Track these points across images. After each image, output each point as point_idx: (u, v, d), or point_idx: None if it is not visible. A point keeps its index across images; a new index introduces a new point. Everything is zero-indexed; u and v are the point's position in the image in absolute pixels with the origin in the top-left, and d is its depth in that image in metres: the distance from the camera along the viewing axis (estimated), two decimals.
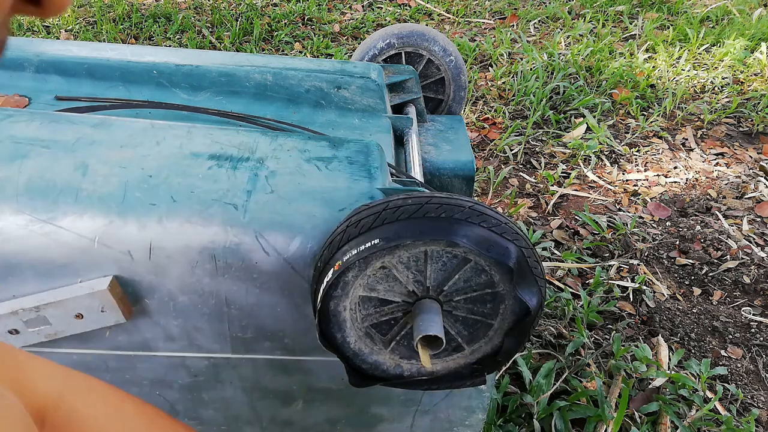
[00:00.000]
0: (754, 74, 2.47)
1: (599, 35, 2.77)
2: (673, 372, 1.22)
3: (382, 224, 0.55)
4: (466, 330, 0.64)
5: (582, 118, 2.13)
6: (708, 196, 1.81)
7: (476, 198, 1.72)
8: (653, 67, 2.47)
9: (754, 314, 1.40)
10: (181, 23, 2.75)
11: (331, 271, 0.57)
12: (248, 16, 2.87)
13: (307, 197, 0.64)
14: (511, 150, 1.99)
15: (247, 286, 0.66)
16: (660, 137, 2.09)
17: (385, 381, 0.66)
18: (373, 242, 0.55)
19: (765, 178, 1.89)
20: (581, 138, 2.04)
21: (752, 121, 2.17)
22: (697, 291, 1.47)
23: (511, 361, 1.11)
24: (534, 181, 1.87)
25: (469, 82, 2.39)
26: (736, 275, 1.50)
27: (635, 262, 1.54)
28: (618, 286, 1.46)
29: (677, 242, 1.61)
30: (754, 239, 1.63)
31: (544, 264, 1.52)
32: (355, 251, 0.55)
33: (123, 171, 0.65)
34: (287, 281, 0.66)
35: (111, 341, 0.71)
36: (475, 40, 2.77)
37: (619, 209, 1.76)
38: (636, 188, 1.84)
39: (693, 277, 1.51)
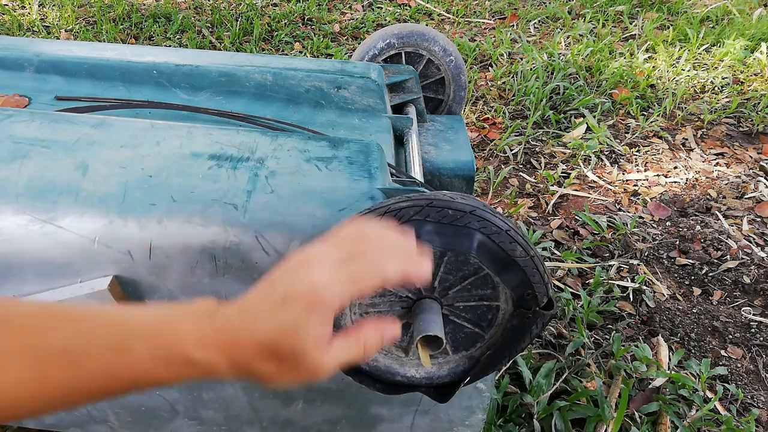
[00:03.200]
0: (754, 74, 2.47)
1: (599, 35, 2.77)
2: (673, 372, 1.22)
3: (417, 220, 0.55)
4: (460, 333, 0.64)
5: (582, 118, 2.13)
6: (708, 196, 1.81)
7: (476, 198, 1.72)
8: (653, 67, 2.47)
9: (754, 314, 1.40)
10: (181, 23, 2.75)
11: None
12: (248, 16, 2.87)
13: (307, 197, 0.64)
14: (511, 150, 1.99)
15: (247, 286, 0.66)
16: (660, 137, 2.09)
17: (367, 375, 0.65)
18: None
19: (765, 178, 1.89)
20: (581, 138, 2.04)
21: (752, 121, 2.17)
22: (697, 291, 1.47)
23: (511, 361, 1.11)
24: (534, 181, 1.87)
25: (469, 82, 2.39)
26: (736, 275, 1.50)
27: (635, 262, 1.54)
28: (618, 286, 1.46)
29: (677, 242, 1.61)
30: (754, 239, 1.63)
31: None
32: None
33: (123, 171, 0.65)
34: None
35: None
36: (475, 40, 2.77)
37: (619, 209, 1.76)
38: (636, 188, 1.84)
39: (693, 277, 1.51)
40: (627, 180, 1.89)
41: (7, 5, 2.87)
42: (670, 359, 1.26)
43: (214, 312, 0.41)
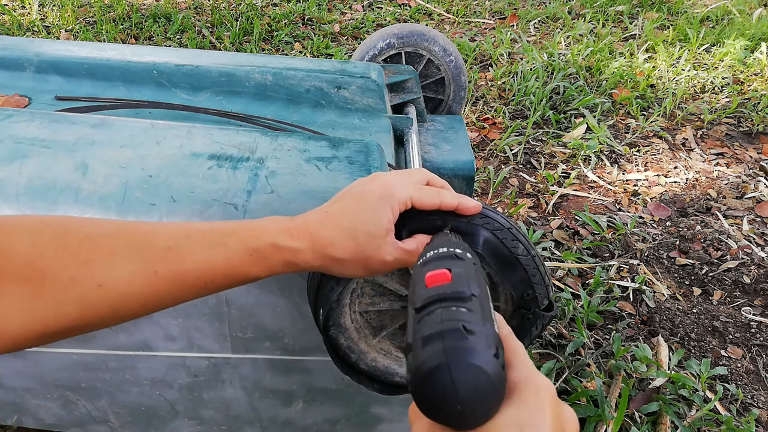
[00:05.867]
0: (754, 74, 2.47)
1: (599, 35, 2.77)
2: (673, 372, 1.22)
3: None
4: None
5: (582, 118, 2.13)
6: (708, 196, 1.81)
7: (476, 198, 1.72)
8: (653, 67, 2.47)
9: (754, 314, 1.40)
10: (181, 23, 2.75)
11: None
12: (248, 16, 2.87)
13: (307, 197, 0.64)
14: (511, 150, 1.99)
15: (247, 286, 0.66)
16: (660, 137, 2.09)
17: (366, 376, 0.65)
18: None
19: (765, 178, 1.89)
20: (581, 138, 2.04)
21: (752, 121, 2.17)
22: (697, 291, 1.47)
23: None
24: (534, 181, 1.87)
25: (469, 82, 2.39)
26: (736, 275, 1.50)
27: (635, 262, 1.54)
28: (618, 286, 1.46)
29: (677, 242, 1.61)
30: (754, 239, 1.63)
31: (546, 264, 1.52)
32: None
33: (123, 171, 0.65)
34: (287, 281, 0.66)
35: (111, 341, 0.71)
36: (475, 40, 2.77)
37: (619, 209, 1.76)
38: (636, 188, 1.84)
39: (693, 277, 1.51)
40: (627, 180, 1.89)
41: (7, 5, 2.87)
42: (670, 359, 1.26)
43: (291, 218, 0.49)
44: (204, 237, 0.45)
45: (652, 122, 2.15)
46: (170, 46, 2.64)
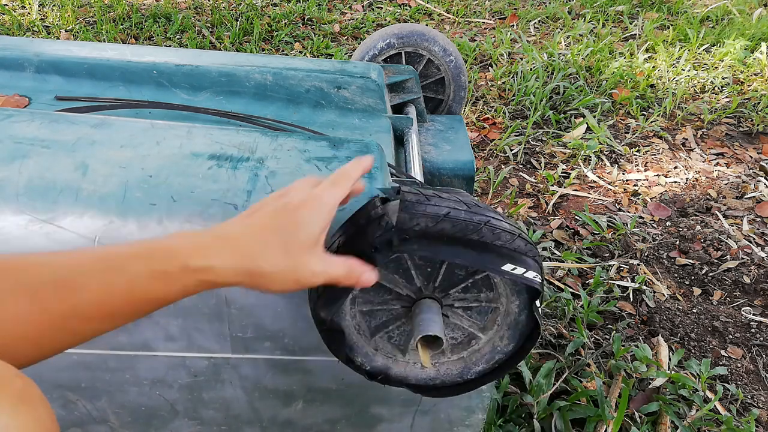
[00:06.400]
0: (754, 74, 2.47)
1: (599, 35, 2.77)
2: (673, 372, 1.22)
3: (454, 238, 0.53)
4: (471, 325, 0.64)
5: (582, 118, 2.13)
6: (708, 196, 1.81)
7: (476, 198, 1.72)
8: (653, 67, 2.47)
9: (754, 314, 1.40)
10: (181, 23, 2.75)
11: None
12: (248, 16, 2.87)
13: None
14: (511, 150, 1.99)
15: (247, 287, 0.66)
16: (660, 137, 2.09)
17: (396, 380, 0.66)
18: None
19: (765, 178, 1.89)
20: (581, 138, 2.04)
21: (752, 121, 2.17)
22: (697, 291, 1.47)
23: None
24: (534, 181, 1.87)
25: (469, 82, 2.39)
26: (736, 275, 1.50)
27: (635, 262, 1.54)
28: (618, 286, 1.46)
29: (677, 242, 1.61)
30: (754, 239, 1.63)
31: (544, 264, 1.52)
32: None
33: (123, 171, 0.65)
34: None
35: (111, 341, 0.71)
36: (475, 40, 2.77)
37: (619, 209, 1.76)
38: (636, 188, 1.84)
39: (693, 277, 1.51)
40: (627, 180, 1.89)
41: (7, 5, 2.87)
42: (670, 359, 1.26)
43: (202, 232, 0.45)
44: (98, 263, 0.40)
45: (652, 122, 2.15)
46: (170, 46, 2.64)
